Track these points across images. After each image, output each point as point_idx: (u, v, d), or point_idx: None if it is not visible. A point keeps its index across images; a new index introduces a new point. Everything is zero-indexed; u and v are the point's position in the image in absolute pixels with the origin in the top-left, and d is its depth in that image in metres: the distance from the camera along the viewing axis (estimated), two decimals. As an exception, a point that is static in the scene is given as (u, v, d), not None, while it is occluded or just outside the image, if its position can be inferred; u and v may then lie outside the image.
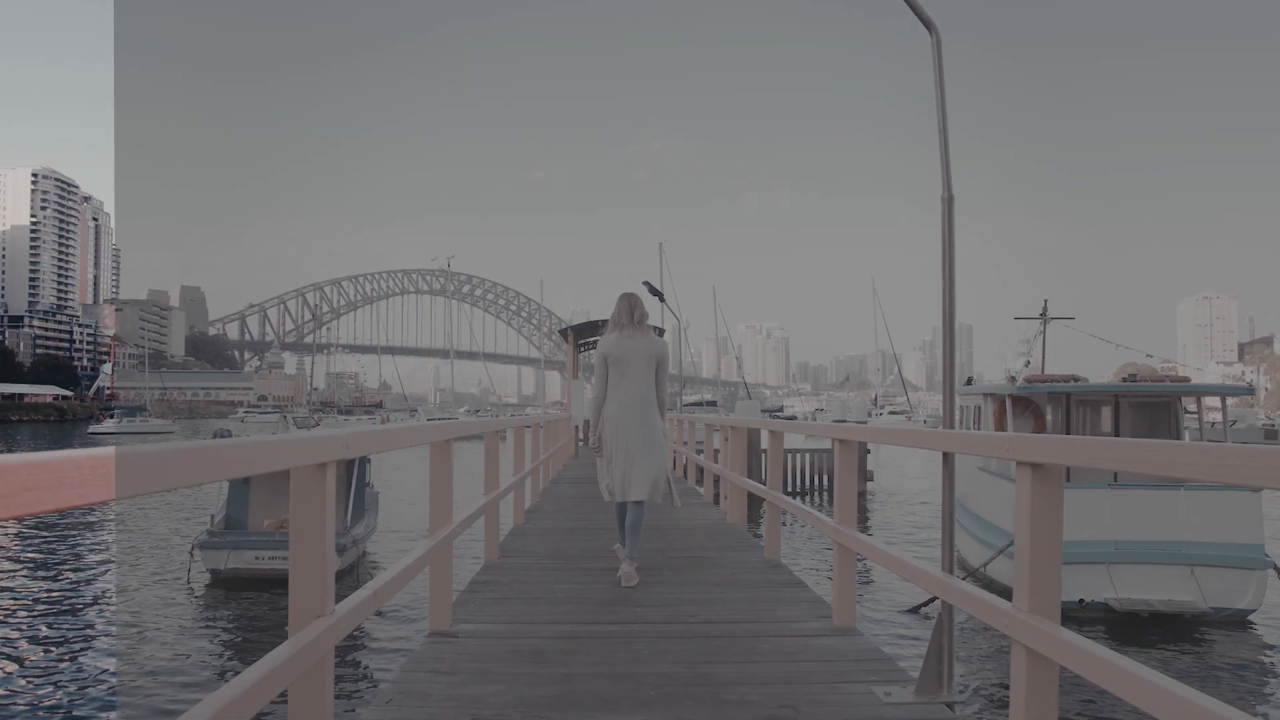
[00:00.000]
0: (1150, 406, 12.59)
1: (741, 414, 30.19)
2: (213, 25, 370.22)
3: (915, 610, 10.70)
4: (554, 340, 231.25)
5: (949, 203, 3.42)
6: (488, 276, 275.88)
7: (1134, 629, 9.34)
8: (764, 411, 55.42)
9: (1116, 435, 12.64)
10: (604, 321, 22.56)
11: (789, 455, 23.61)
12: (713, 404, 72.44)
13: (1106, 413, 12.99)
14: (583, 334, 22.47)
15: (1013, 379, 12.68)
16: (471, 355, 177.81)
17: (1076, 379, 11.97)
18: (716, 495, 10.27)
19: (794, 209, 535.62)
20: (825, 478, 24.89)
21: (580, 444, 20.73)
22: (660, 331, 17.82)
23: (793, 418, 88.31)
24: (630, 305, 5.61)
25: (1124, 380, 11.74)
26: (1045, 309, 14.53)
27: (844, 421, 47.44)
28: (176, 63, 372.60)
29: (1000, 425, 12.52)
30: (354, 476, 12.74)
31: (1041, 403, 12.56)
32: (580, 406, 20.23)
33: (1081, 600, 9.76)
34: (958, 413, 15.10)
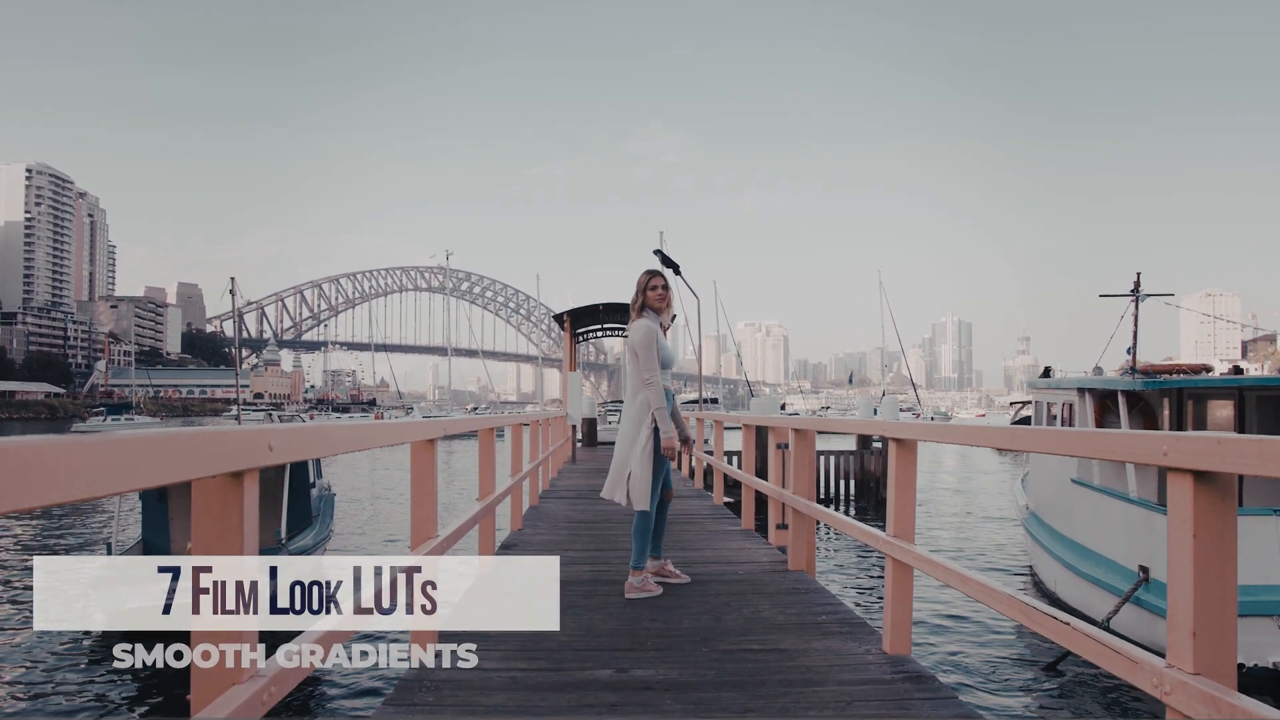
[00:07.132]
0: None
1: (759, 412, 27.60)
2: (209, 21, 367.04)
3: (1052, 666, 8.26)
4: (553, 337, 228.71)
5: None
6: (486, 273, 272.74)
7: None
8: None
9: (1239, 439, 10.16)
10: (605, 305, 20.20)
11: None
12: (714, 401, 70.07)
13: (1223, 411, 10.52)
14: (581, 320, 19.89)
15: (1132, 370, 10.15)
16: (470, 353, 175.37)
17: (1208, 369, 9.52)
18: (757, 516, 7.76)
19: (793, 208, 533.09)
20: (850, 483, 22.38)
21: (578, 445, 18.27)
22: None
23: (796, 414, 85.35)
24: (640, 287, 5.04)
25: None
26: (1138, 284, 12.01)
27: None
28: (173, 58, 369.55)
29: (1103, 427, 10.04)
30: (287, 478, 9.96)
31: (1152, 399, 10.08)
32: (578, 403, 17.75)
33: (1243, 666, 7.32)
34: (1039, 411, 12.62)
